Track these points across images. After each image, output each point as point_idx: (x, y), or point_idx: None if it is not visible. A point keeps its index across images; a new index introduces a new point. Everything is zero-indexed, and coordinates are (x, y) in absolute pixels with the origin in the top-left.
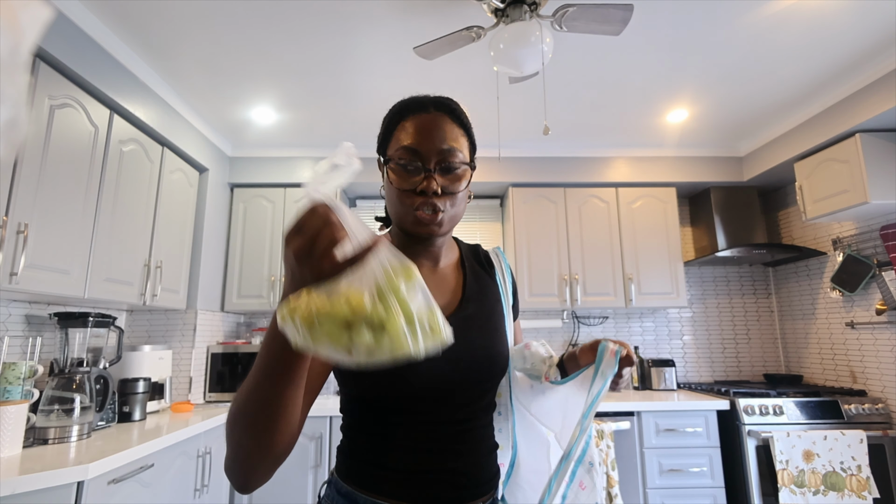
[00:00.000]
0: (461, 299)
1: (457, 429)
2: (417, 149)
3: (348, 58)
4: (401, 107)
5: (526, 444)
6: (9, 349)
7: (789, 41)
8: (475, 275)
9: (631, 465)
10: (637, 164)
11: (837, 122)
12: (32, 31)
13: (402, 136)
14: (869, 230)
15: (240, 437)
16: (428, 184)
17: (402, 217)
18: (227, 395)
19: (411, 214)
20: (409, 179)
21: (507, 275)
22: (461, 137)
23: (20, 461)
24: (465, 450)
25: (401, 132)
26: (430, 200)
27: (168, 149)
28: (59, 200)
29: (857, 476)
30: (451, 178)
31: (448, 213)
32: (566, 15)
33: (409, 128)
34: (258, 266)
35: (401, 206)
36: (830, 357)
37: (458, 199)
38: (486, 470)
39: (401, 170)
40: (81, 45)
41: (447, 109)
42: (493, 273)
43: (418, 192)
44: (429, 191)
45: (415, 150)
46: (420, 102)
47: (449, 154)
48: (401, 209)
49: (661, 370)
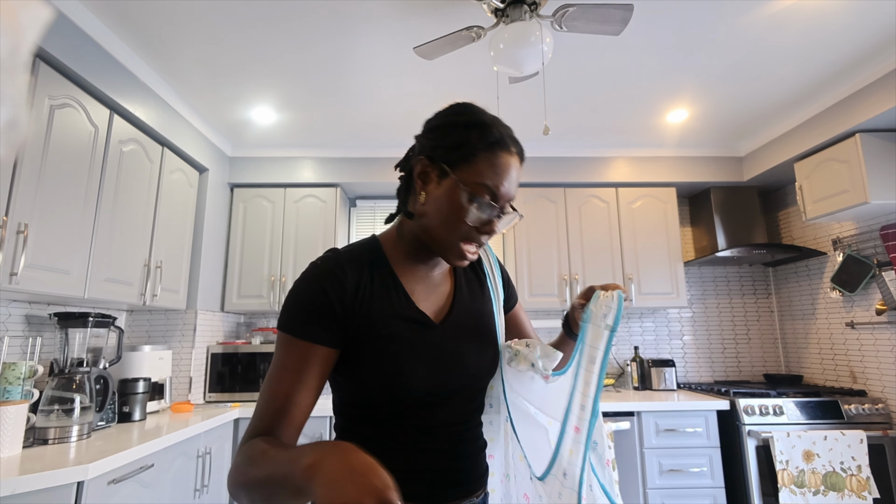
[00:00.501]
0: (451, 305)
1: (451, 430)
2: (497, 192)
3: (348, 58)
4: (495, 137)
5: (525, 433)
6: (9, 349)
7: (789, 41)
8: (466, 278)
9: (631, 465)
10: (637, 164)
11: (837, 122)
12: (33, 32)
13: (486, 171)
14: (869, 230)
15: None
16: (492, 227)
17: (448, 242)
18: (227, 395)
19: (459, 246)
20: (479, 217)
21: (495, 269)
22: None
23: (20, 461)
24: (459, 450)
25: (486, 166)
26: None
27: (168, 149)
28: (59, 200)
29: (857, 476)
30: (502, 223)
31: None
32: (566, 15)
33: (497, 167)
34: (258, 266)
35: (453, 233)
36: (830, 357)
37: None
38: (478, 466)
39: (476, 206)
40: (81, 45)
41: (522, 155)
42: (482, 270)
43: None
44: (491, 234)
45: (495, 193)
46: (512, 142)
47: (511, 204)
48: (451, 236)
49: (661, 370)
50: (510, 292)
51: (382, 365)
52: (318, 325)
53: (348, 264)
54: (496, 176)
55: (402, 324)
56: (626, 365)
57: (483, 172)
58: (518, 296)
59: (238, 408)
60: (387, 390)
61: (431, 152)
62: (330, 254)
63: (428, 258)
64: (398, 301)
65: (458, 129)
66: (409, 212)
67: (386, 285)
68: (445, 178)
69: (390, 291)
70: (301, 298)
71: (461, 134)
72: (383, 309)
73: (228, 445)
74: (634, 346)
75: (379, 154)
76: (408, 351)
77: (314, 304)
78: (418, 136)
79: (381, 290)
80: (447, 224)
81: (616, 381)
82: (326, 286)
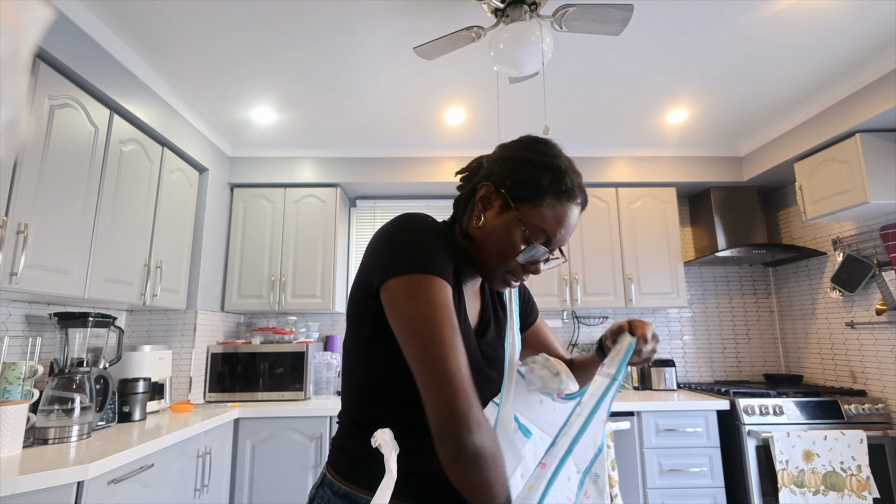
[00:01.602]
0: (480, 317)
1: None
2: (553, 238)
3: (349, 57)
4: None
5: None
6: (9, 349)
7: (789, 41)
8: (491, 298)
9: (631, 465)
10: (637, 164)
11: (837, 122)
12: (33, 33)
13: (549, 217)
14: (869, 230)
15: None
16: (538, 268)
17: (495, 270)
18: (227, 395)
19: (504, 276)
20: (530, 255)
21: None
22: None
23: (20, 461)
24: None
25: (550, 212)
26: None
27: (168, 149)
28: (59, 200)
29: (857, 476)
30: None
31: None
32: (566, 15)
33: (560, 216)
34: (258, 266)
35: (503, 263)
36: (830, 357)
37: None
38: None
39: (531, 247)
40: (81, 45)
41: (585, 205)
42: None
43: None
44: (536, 273)
45: (551, 239)
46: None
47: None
48: (498, 265)
49: (661, 370)
50: (530, 308)
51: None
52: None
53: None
54: (557, 224)
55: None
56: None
57: (546, 218)
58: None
59: (238, 408)
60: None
61: (500, 181)
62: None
63: (473, 273)
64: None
65: (531, 168)
66: (466, 230)
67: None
68: (507, 212)
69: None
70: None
71: (534, 174)
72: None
73: (228, 445)
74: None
75: (379, 154)
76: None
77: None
78: (488, 158)
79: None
80: (498, 254)
81: None
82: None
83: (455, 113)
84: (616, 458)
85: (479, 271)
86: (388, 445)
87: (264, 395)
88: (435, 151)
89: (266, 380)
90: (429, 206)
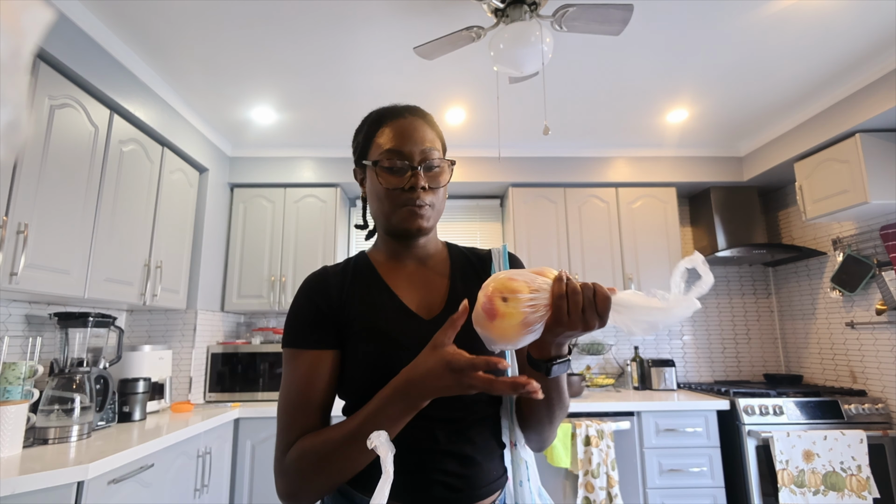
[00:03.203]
0: (447, 301)
1: (451, 428)
2: (402, 150)
3: (348, 57)
4: (377, 115)
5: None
6: (9, 349)
7: (789, 41)
8: (463, 277)
9: (631, 465)
10: (637, 164)
11: (837, 122)
12: (34, 34)
13: (383, 141)
14: (869, 230)
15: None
16: (416, 180)
17: (391, 215)
18: (227, 395)
19: (401, 211)
20: (397, 179)
21: (504, 267)
22: (435, 138)
23: (20, 461)
24: (462, 451)
25: (381, 138)
26: (417, 196)
27: (168, 149)
28: (59, 200)
29: (857, 476)
30: (433, 175)
31: (434, 209)
32: (566, 15)
33: (390, 132)
34: (258, 266)
35: (390, 204)
36: (830, 357)
37: (441, 196)
38: (485, 472)
39: (388, 171)
40: (81, 45)
41: (421, 114)
42: (489, 270)
43: (407, 189)
44: (417, 186)
45: (399, 152)
46: (395, 110)
47: (429, 153)
48: (390, 208)
49: (661, 370)
50: None
51: (367, 359)
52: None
53: (332, 273)
54: (393, 140)
55: (384, 318)
56: (626, 365)
57: (381, 144)
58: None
59: (238, 408)
60: (374, 385)
61: (355, 162)
62: (317, 269)
63: (404, 250)
64: (380, 297)
65: (359, 131)
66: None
67: (369, 284)
68: (363, 170)
69: (373, 289)
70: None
71: (360, 132)
72: (365, 305)
73: (228, 445)
74: (634, 346)
75: None
76: (390, 343)
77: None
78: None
79: (363, 290)
80: (379, 200)
81: (616, 381)
82: (312, 294)
83: (455, 113)
84: (616, 458)
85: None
86: (384, 447)
87: (264, 395)
88: None
89: (266, 380)
90: None
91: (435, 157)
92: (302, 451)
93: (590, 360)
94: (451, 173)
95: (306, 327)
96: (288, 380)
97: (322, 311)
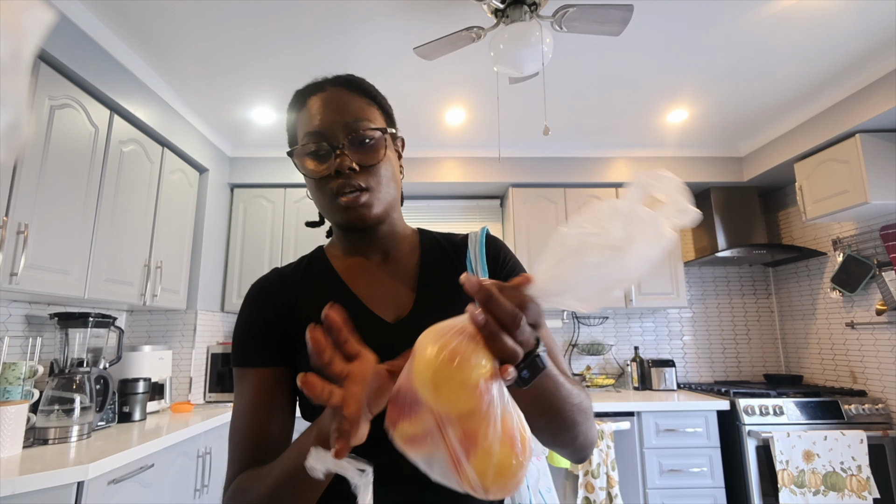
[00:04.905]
0: (415, 300)
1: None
2: (321, 130)
3: (348, 58)
4: (297, 95)
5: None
6: (9, 349)
7: (789, 41)
8: (435, 269)
9: (631, 465)
10: (637, 164)
11: (837, 122)
12: (34, 35)
13: (303, 123)
14: (869, 230)
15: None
16: (341, 161)
17: (328, 208)
18: (227, 395)
19: (335, 202)
20: (322, 164)
21: (480, 257)
22: (368, 107)
23: (20, 461)
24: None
25: (297, 125)
26: (349, 181)
27: (168, 149)
28: (59, 200)
29: (857, 476)
30: (365, 151)
31: (375, 193)
32: (566, 15)
33: (308, 111)
34: (258, 266)
35: (322, 195)
36: (830, 357)
37: (382, 175)
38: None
39: (310, 157)
40: (81, 46)
41: (344, 82)
42: (464, 260)
43: (335, 175)
44: (343, 168)
45: (319, 132)
46: (316, 84)
47: (356, 126)
48: (323, 199)
49: (661, 370)
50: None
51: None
52: (261, 346)
53: (282, 276)
54: (307, 122)
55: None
56: (627, 365)
57: (298, 132)
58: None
59: None
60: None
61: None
62: (266, 273)
63: (361, 244)
64: (338, 299)
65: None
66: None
67: (325, 285)
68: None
69: (329, 290)
70: (239, 328)
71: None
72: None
73: None
74: (634, 346)
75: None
76: None
77: (251, 327)
78: None
79: (318, 292)
80: (312, 191)
81: (616, 381)
82: (257, 304)
83: (455, 113)
84: (616, 459)
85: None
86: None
87: None
88: (435, 152)
89: None
90: (429, 206)
91: (364, 129)
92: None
93: (590, 360)
94: (399, 147)
95: (251, 342)
96: (236, 404)
97: (269, 321)
